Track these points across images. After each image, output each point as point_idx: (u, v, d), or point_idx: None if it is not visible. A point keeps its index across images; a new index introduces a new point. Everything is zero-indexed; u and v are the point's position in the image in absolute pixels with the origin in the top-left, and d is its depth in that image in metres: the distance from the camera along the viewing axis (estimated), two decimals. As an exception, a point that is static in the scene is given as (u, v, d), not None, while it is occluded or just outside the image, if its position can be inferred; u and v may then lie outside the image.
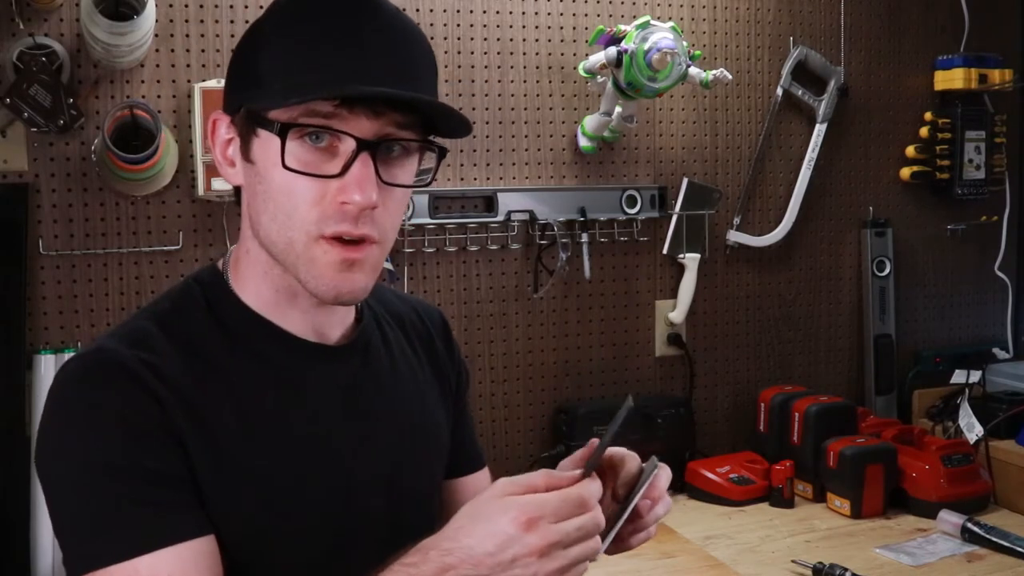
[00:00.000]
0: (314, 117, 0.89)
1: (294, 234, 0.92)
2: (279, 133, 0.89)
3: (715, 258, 2.41)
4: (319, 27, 0.90)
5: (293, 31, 0.92)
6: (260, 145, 0.93)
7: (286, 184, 0.91)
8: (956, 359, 2.54)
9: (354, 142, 0.90)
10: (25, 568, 1.79)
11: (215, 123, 0.98)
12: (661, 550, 1.88)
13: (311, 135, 0.90)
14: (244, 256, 1.01)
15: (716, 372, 2.44)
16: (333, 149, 0.91)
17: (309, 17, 0.91)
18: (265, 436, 0.96)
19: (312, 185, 0.91)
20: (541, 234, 2.22)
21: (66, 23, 1.86)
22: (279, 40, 0.92)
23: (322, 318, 1.02)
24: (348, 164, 0.90)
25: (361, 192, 0.89)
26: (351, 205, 0.90)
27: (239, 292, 1.01)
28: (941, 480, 2.04)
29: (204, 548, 0.89)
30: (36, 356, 1.84)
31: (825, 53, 2.46)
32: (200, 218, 1.97)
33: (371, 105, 0.89)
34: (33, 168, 1.86)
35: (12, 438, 1.81)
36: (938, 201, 2.63)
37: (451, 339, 1.23)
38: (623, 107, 2.13)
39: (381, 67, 0.90)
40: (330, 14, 0.91)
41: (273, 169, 0.91)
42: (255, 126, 0.93)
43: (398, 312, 1.17)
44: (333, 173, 0.90)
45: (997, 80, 2.54)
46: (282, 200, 0.92)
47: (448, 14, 2.14)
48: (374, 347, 1.09)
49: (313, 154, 0.91)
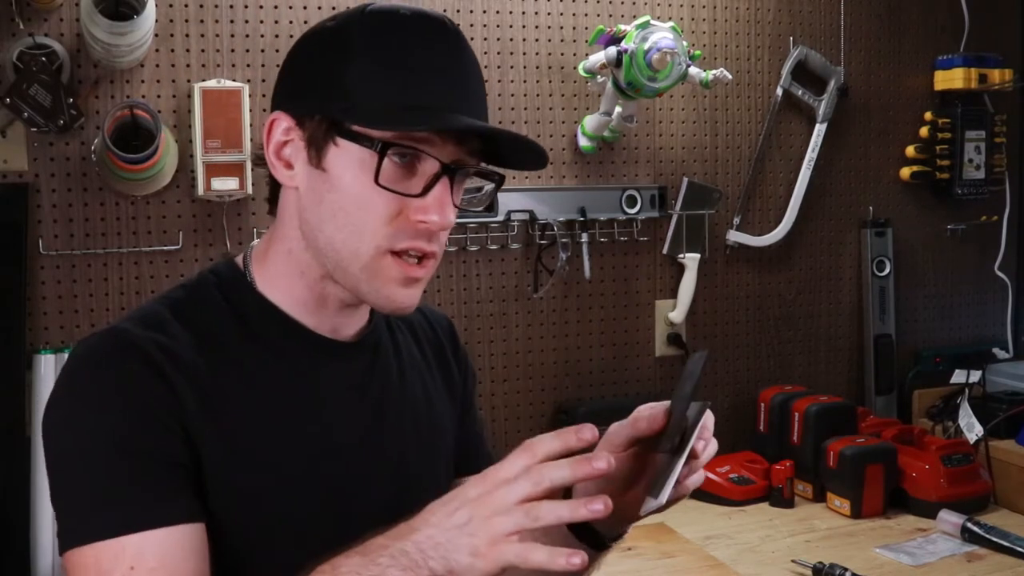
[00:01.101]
0: (409, 139, 0.91)
1: (363, 247, 0.94)
2: (379, 151, 0.91)
3: (715, 258, 2.41)
4: (416, 53, 0.93)
5: (388, 51, 0.93)
6: (338, 155, 0.94)
7: (365, 197, 0.93)
8: (956, 359, 2.54)
9: (439, 165, 0.92)
10: (25, 568, 1.79)
11: (273, 123, 0.98)
12: (661, 550, 1.88)
13: (399, 155, 0.92)
14: (282, 254, 1.01)
15: (716, 372, 2.44)
16: (414, 168, 0.93)
17: (402, 40, 0.93)
18: (276, 425, 0.98)
19: (392, 202, 0.93)
20: (541, 234, 2.22)
21: (66, 23, 1.86)
22: (373, 57, 0.92)
23: (344, 319, 1.04)
24: (429, 185, 0.92)
25: (441, 214, 0.93)
26: (429, 224, 0.93)
27: (262, 287, 1.02)
28: (941, 480, 2.04)
29: (193, 534, 0.90)
30: (36, 356, 1.84)
31: (825, 53, 2.46)
32: (200, 218, 1.97)
33: (462, 134, 0.93)
34: (33, 168, 1.86)
35: (12, 438, 1.81)
36: (938, 201, 2.63)
37: (459, 345, 1.24)
38: (623, 107, 2.13)
39: (473, 97, 0.95)
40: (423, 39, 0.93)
41: (353, 181, 0.93)
42: (336, 135, 0.93)
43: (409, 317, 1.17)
44: (415, 192, 0.93)
45: (997, 80, 2.54)
46: (356, 212, 0.93)
47: (448, 14, 2.13)
48: (384, 347, 1.10)
49: (396, 171, 0.92)
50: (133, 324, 0.95)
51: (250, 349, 0.99)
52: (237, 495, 0.94)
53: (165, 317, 0.97)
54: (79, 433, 0.90)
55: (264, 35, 2.00)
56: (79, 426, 0.90)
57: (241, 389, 0.97)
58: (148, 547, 0.87)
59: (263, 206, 1.90)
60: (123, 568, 0.86)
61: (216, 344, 0.97)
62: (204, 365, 0.95)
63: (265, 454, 0.96)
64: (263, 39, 2.00)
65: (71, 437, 0.91)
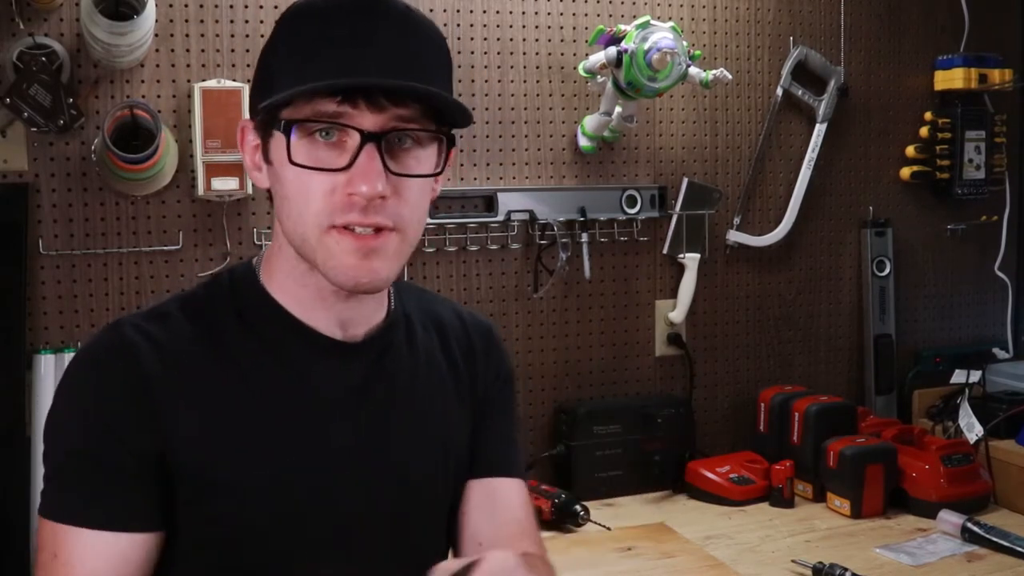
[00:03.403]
0: (320, 115, 0.92)
1: (307, 229, 0.95)
2: (284, 130, 0.93)
3: (715, 258, 2.41)
4: (327, 26, 0.94)
5: (302, 32, 0.95)
6: (275, 145, 0.97)
7: (299, 180, 0.95)
8: (956, 359, 2.54)
9: (358, 135, 0.92)
10: (25, 568, 1.79)
11: (243, 130, 1.03)
12: (661, 550, 1.88)
13: (321, 131, 0.93)
14: (276, 254, 1.04)
15: (716, 372, 2.44)
16: (342, 144, 0.94)
17: (319, 17, 0.95)
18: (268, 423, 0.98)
19: (322, 179, 0.94)
20: (541, 234, 2.22)
21: (66, 23, 1.86)
22: (289, 40, 0.96)
23: (349, 313, 1.04)
24: (354, 157, 0.93)
25: (367, 182, 0.92)
26: (358, 196, 0.93)
27: (268, 287, 1.04)
28: (941, 480, 2.04)
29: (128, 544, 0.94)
30: (36, 356, 1.84)
31: (825, 53, 2.46)
32: (200, 218, 1.97)
33: (372, 99, 0.92)
34: (33, 168, 1.86)
35: (12, 438, 1.81)
36: (938, 201, 2.63)
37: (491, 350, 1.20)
38: (623, 107, 2.13)
39: (383, 62, 0.93)
40: (339, 14, 0.94)
41: (285, 167, 0.95)
42: (270, 127, 0.97)
43: (439, 317, 1.17)
44: (340, 166, 0.93)
45: (997, 80, 2.54)
46: (295, 196, 0.96)
47: (448, 14, 2.14)
48: (395, 348, 1.09)
49: (323, 150, 0.94)
50: (135, 316, 1.00)
51: (247, 346, 1.00)
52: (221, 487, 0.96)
53: (171, 312, 1.01)
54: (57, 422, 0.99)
55: (264, 35, 1.99)
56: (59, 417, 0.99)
57: (234, 384, 0.98)
58: (77, 543, 0.93)
59: (263, 206, 1.92)
60: (49, 551, 0.94)
61: (217, 340, 1.00)
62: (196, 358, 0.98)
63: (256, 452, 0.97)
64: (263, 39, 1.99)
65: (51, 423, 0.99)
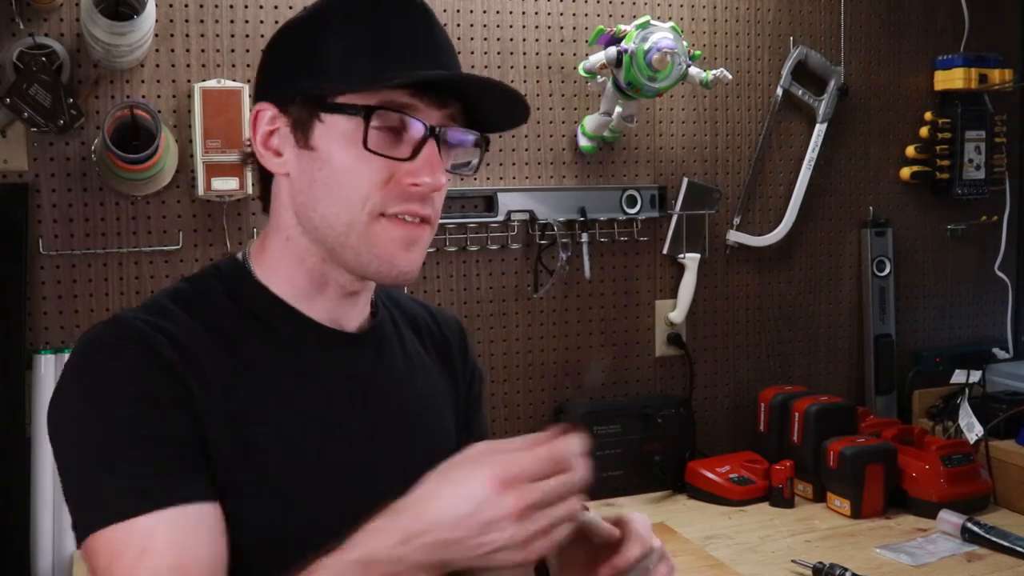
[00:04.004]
0: (393, 103, 0.93)
1: (355, 215, 0.95)
2: (364, 116, 0.93)
3: (715, 258, 2.41)
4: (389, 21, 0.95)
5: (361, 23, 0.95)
6: (324, 131, 0.96)
7: (354, 166, 0.94)
8: (956, 359, 2.54)
9: (423, 127, 0.94)
10: (25, 568, 1.79)
11: (257, 114, 1.00)
12: (661, 550, 1.88)
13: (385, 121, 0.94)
14: (279, 244, 1.02)
15: (716, 372, 2.44)
16: (400, 135, 0.95)
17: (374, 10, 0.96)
18: (280, 414, 0.97)
19: (382, 167, 0.94)
20: (541, 234, 2.22)
21: (66, 23, 1.86)
22: (350, 27, 0.95)
23: (344, 308, 1.04)
24: (418, 148, 0.94)
25: (431, 174, 0.94)
26: (421, 187, 0.94)
27: (264, 279, 1.03)
28: (941, 480, 2.04)
29: (206, 512, 0.89)
30: (36, 356, 1.84)
31: (825, 53, 2.46)
32: (200, 218, 1.97)
33: (439, 95, 0.94)
34: (33, 168, 1.86)
35: (12, 438, 1.81)
36: (938, 201, 2.63)
37: (467, 347, 1.23)
38: (623, 107, 2.13)
39: (447, 60, 0.97)
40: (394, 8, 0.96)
41: (341, 152, 0.94)
42: (320, 112, 0.95)
43: (413, 314, 1.18)
44: (404, 156, 0.94)
45: (997, 80, 2.54)
46: (347, 182, 0.95)
47: (448, 14, 2.14)
48: (388, 341, 1.10)
49: (383, 138, 0.94)
50: (136, 311, 0.97)
51: (253, 337, 1.00)
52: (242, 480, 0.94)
53: (169, 306, 0.98)
54: (87, 422, 0.90)
55: (264, 35, 2.00)
56: (87, 414, 0.90)
57: (243, 376, 0.97)
58: (160, 527, 0.85)
59: (263, 206, 1.91)
60: (135, 550, 0.84)
61: (219, 332, 0.98)
62: (207, 351, 0.95)
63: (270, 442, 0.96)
64: (263, 39, 2.00)
65: (78, 427, 0.90)
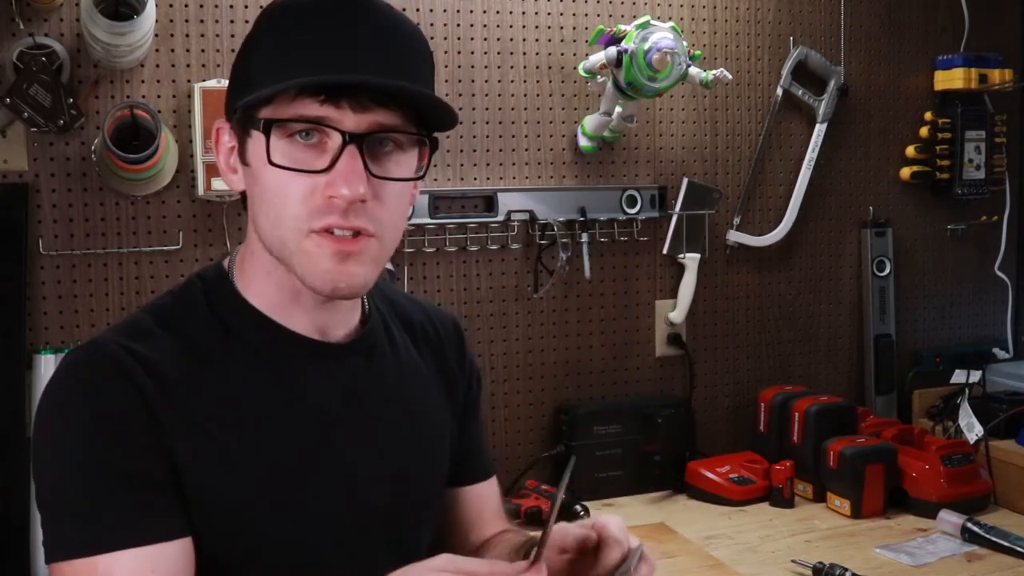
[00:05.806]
0: (301, 116, 0.90)
1: (285, 232, 0.93)
2: (263, 130, 0.91)
3: (715, 258, 2.41)
4: (310, 26, 0.92)
5: (283, 31, 0.93)
6: (253, 146, 0.95)
7: (277, 182, 0.92)
8: (956, 359, 2.54)
9: (340, 136, 0.91)
10: (25, 568, 1.79)
11: (218, 132, 1.00)
12: (661, 550, 1.88)
13: (301, 133, 0.91)
14: (249, 257, 1.01)
15: (716, 372, 2.44)
16: (322, 145, 0.92)
17: (300, 16, 0.93)
18: (263, 430, 0.97)
19: (302, 181, 0.92)
20: (541, 234, 2.22)
21: (66, 23, 1.86)
22: (269, 40, 0.94)
23: (325, 317, 1.02)
24: (335, 158, 0.91)
25: (348, 185, 0.90)
26: (338, 198, 0.91)
27: (243, 291, 1.01)
28: (941, 480, 2.04)
29: (169, 551, 0.89)
30: (36, 356, 1.84)
31: (825, 53, 2.46)
32: (200, 218, 1.97)
33: (356, 99, 0.90)
34: (33, 168, 1.86)
35: (12, 438, 1.81)
36: (938, 201, 2.63)
37: (464, 347, 1.22)
38: (623, 107, 2.13)
39: (367, 62, 0.91)
40: (322, 13, 0.92)
41: (264, 168, 0.93)
42: (248, 127, 0.94)
43: (408, 315, 1.17)
44: (321, 168, 0.91)
45: (997, 80, 2.54)
46: (274, 198, 0.93)
47: (448, 14, 2.14)
48: (379, 348, 1.09)
49: (303, 151, 0.92)
50: (114, 334, 0.95)
51: (234, 355, 0.98)
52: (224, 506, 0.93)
53: (149, 326, 0.97)
54: (57, 449, 0.91)
55: (264, 35, 2.00)
56: (58, 442, 0.91)
57: (227, 397, 0.96)
58: (118, 567, 0.87)
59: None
60: None
61: (200, 353, 0.96)
62: (187, 376, 0.94)
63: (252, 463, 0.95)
64: (263, 39, 2.00)
65: (50, 452, 0.91)
